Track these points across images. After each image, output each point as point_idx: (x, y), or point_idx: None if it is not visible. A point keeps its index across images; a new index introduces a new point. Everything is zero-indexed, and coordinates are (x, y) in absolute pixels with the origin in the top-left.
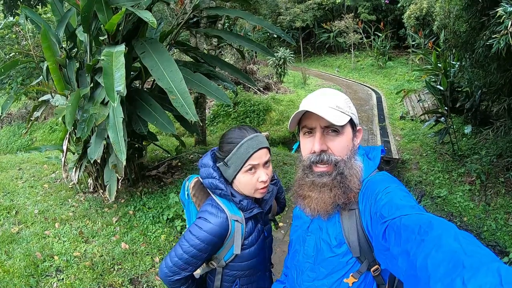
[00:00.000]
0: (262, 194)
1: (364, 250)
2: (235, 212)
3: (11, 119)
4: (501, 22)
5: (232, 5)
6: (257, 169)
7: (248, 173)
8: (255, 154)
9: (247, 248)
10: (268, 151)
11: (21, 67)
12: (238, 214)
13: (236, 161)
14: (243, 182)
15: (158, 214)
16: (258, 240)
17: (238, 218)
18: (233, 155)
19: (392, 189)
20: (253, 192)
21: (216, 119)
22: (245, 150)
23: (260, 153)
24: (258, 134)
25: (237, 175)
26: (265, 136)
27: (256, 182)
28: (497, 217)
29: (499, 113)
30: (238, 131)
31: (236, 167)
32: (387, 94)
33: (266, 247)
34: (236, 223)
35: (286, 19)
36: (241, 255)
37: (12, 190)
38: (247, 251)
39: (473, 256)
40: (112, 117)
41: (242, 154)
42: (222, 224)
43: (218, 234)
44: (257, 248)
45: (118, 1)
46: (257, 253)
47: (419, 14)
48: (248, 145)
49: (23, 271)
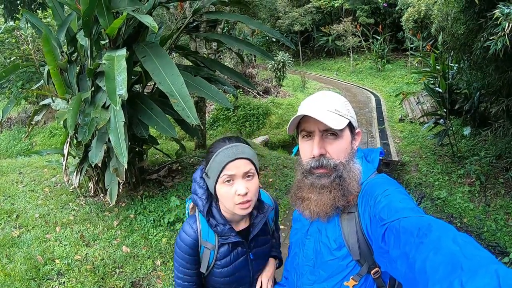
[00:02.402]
0: (243, 212)
1: (364, 253)
2: (209, 237)
3: (11, 124)
4: (498, 23)
5: (231, 9)
6: (235, 181)
7: (226, 184)
8: (230, 163)
9: (219, 268)
10: (249, 162)
11: (21, 71)
12: (211, 239)
13: (213, 171)
14: (221, 194)
15: (159, 218)
16: (234, 263)
17: (209, 245)
18: (210, 164)
19: (391, 192)
20: (233, 207)
21: (215, 123)
22: (220, 159)
23: (237, 163)
24: (240, 144)
25: (216, 187)
26: (264, 141)
27: (234, 195)
28: (497, 217)
29: (498, 114)
30: (220, 140)
31: (214, 177)
32: (386, 97)
33: (249, 267)
34: (205, 249)
35: (285, 23)
36: (213, 273)
37: (12, 194)
38: (219, 270)
39: (471, 258)
40: (113, 121)
41: (217, 163)
42: (190, 244)
43: (188, 252)
44: (232, 269)
45: (119, 6)
46: (232, 273)
47: (417, 16)
48: (225, 154)
49: (24, 274)
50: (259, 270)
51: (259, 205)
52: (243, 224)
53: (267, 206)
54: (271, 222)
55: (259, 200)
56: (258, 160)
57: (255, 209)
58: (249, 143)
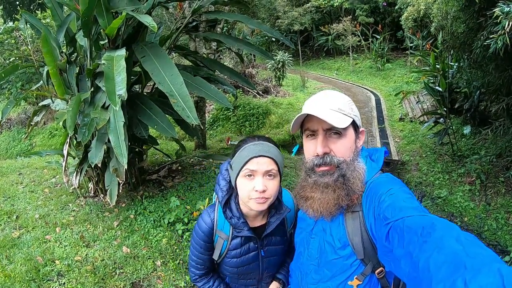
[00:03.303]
0: (258, 207)
1: (368, 252)
2: (224, 227)
3: (11, 124)
4: (498, 22)
5: (230, 9)
6: (255, 176)
7: (246, 178)
8: (254, 159)
9: (229, 258)
10: (273, 162)
11: (21, 72)
12: (225, 230)
13: (237, 163)
14: (239, 186)
15: (159, 218)
16: (244, 256)
17: (223, 235)
18: (236, 157)
19: (395, 191)
20: (248, 200)
21: (215, 123)
22: (245, 154)
23: (260, 160)
24: (266, 143)
25: (237, 179)
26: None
27: (251, 190)
28: (498, 216)
29: (498, 113)
30: (250, 137)
31: (236, 169)
32: (386, 96)
33: (259, 263)
34: (219, 238)
35: (285, 23)
36: (224, 261)
37: (12, 195)
38: (229, 260)
39: (475, 257)
40: (113, 121)
41: (242, 157)
42: (206, 231)
43: (203, 238)
44: (241, 261)
45: (119, 6)
46: (240, 265)
47: (417, 15)
48: (250, 149)
49: (25, 275)
50: (270, 267)
51: (277, 205)
52: (260, 221)
53: (285, 207)
54: (290, 224)
55: (279, 200)
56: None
57: (273, 208)
58: (277, 145)
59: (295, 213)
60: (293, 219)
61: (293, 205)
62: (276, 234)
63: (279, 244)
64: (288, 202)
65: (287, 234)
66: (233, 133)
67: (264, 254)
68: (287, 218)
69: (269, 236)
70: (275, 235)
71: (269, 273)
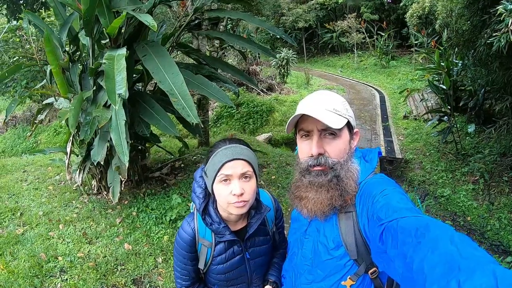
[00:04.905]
0: (238, 211)
1: (362, 252)
2: (206, 234)
3: (16, 122)
4: (502, 20)
5: (233, 7)
6: (231, 181)
7: (223, 183)
8: (228, 163)
9: (216, 265)
10: (247, 164)
11: (25, 70)
12: (208, 237)
13: (211, 170)
14: (217, 192)
15: (161, 215)
16: (230, 261)
17: (206, 242)
18: (209, 164)
19: (389, 192)
20: (227, 205)
21: (219, 121)
22: (219, 159)
23: (235, 164)
24: (238, 146)
25: (213, 185)
26: (268, 138)
27: (229, 195)
28: (501, 216)
29: (502, 111)
30: (221, 141)
31: (211, 176)
32: (390, 94)
33: (246, 266)
34: (202, 246)
35: (289, 20)
36: (210, 269)
37: (17, 192)
38: (215, 267)
39: (469, 258)
40: (114, 120)
41: (215, 163)
42: (188, 241)
43: (186, 248)
44: (228, 266)
45: (120, 5)
46: (228, 270)
47: (422, 13)
48: (223, 154)
49: (28, 271)
50: (257, 269)
51: (257, 205)
52: (241, 224)
53: (265, 207)
54: (270, 223)
55: (257, 200)
56: (260, 158)
57: (253, 209)
58: (250, 145)
59: (275, 211)
60: (273, 218)
61: (271, 204)
62: (258, 234)
63: (262, 244)
64: (267, 201)
65: (270, 233)
66: (237, 131)
67: (250, 256)
68: (267, 217)
69: (252, 237)
70: (258, 235)
71: (258, 275)
